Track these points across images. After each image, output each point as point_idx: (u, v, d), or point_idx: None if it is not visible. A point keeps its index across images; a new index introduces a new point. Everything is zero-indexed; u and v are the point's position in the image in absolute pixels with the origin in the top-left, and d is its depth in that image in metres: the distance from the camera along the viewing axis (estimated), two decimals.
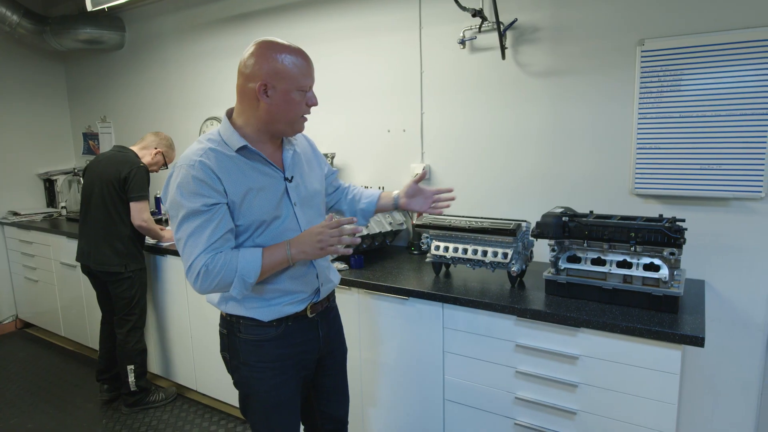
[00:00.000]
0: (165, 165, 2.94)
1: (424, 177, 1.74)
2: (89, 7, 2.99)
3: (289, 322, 1.50)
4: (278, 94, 1.36)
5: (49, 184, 4.41)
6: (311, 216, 1.53)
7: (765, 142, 1.79)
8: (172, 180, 1.37)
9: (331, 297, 1.67)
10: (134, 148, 2.82)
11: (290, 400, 1.55)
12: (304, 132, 1.55)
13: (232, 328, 1.50)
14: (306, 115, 1.45)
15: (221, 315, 1.54)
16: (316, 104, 1.44)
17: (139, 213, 2.66)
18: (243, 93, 1.39)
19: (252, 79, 1.36)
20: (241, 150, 1.39)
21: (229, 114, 1.45)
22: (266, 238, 1.42)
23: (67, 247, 3.46)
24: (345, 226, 1.39)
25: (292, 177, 1.48)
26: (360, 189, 1.81)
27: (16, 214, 4.12)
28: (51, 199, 4.43)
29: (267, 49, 1.36)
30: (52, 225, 3.76)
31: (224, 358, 1.56)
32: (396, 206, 1.76)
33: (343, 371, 1.75)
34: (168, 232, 2.90)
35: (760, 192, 1.82)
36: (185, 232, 1.34)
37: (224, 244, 1.36)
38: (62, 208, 4.25)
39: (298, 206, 1.49)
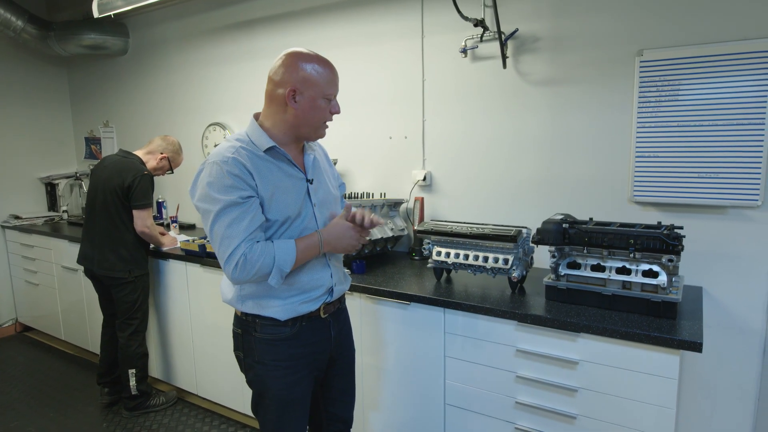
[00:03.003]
0: (171, 170, 2.95)
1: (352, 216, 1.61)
2: (96, 14, 3.02)
3: (303, 322, 1.55)
4: (305, 100, 1.43)
5: (50, 188, 4.42)
6: (328, 217, 1.59)
7: (761, 151, 1.83)
8: (203, 176, 1.42)
9: (342, 299, 1.71)
10: (140, 153, 2.84)
11: (302, 399, 1.59)
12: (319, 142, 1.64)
13: (247, 328, 1.54)
14: (328, 122, 1.53)
15: (236, 314, 1.58)
16: (338, 112, 1.51)
17: (143, 220, 2.68)
18: (272, 98, 1.47)
19: (281, 86, 1.43)
20: (269, 150, 1.46)
21: (256, 117, 1.53)
22: (288, 236, 1.48)
23: (69, 251, 3.47)
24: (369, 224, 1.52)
25: (312, 179, 1.55)
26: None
27: (17, 217, 4.13)
28: (52, 203, 4.44)
29: (297, 59, 1.44)
30: (53, 229, 3.77)
31: (238, 357, 1.60)
32: None
33: (351, 373, 1.78)
34: (168, 238, 2.91)
35: (757, 200, 1.85)
36: (222, 224, 1.38)
37: (259, 235, 1.41)
38: (64, 212, 4.26)
39: (317, 207, 1.55)
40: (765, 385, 1.96)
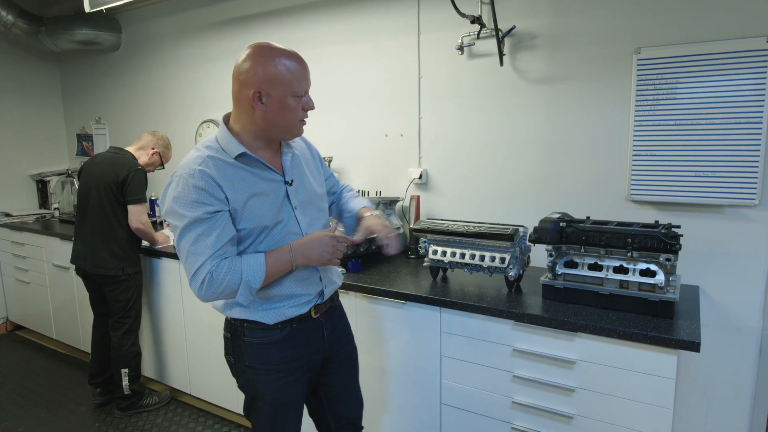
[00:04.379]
0: (162, 165, 2.92)
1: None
2: (87, 9, 2.98)
3: (293, 324, 1.50)
4: (273, 101, 1.34)
5: (41, 185, 4.37)
6: (312, 218, 1.53)
7: (759, 150, 1.82)
8: (170, 190, 1.36)
9: (334, 296, 1.66)
10: (130, 149, 2.80)
11: (295, 402, 1.55)
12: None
13: (236, 332, 1.49)
14: (304, 119, 1.44)
15: (226, 319, 1.54)
16: (312, 108, 1.42)
17: (137, 216, 2.65)
18: (238, 99, 1.38)
19: (246, 86, 1.34)
20: (240, 157, 1.38)
21: (226, 120, 1.44)
22: (269, 243, 1.42)
23: (60, 249, 3.43)
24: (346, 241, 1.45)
25: (292, 180, 1.48)
26: (348, 198, 1.76)
27: (8, 215, 4.07)
28: (44, 200, 4.39)
29: (260, 55, 1.34)
30: (44, 226, 3.73)
31: (228, 362, 1.56)
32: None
33: (351, 372, 1.73)
34: (161, 236, 2.88)
35: (754, 199, 1.85)
36: (188, 241, 1.33)
37: (227, 251, 1.35)
38: (55, 209, 4.21)
39: (299, 209, 1.49)
40: (761, 384, 1.96)
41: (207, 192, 1.32)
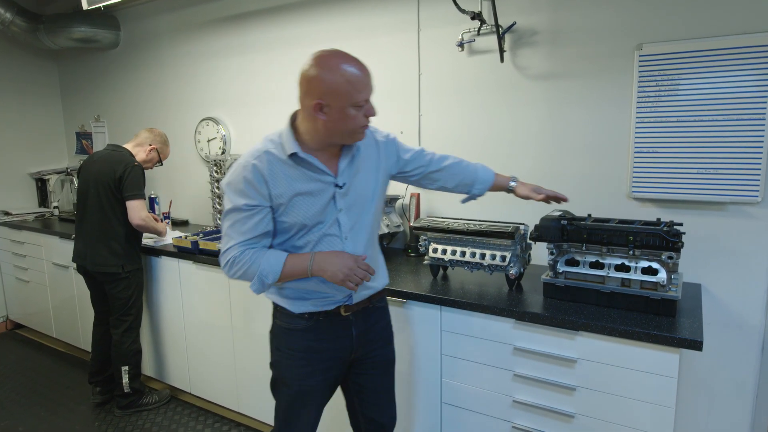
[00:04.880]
0: (160, 162, 2.91)
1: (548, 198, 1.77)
2: (85, 6, 2.96)
3: (320, 317, 1.54)
4: (334, 111, 1.36)
5: (41, 183, 4.36)
6: (357, 220, 1.52)
7: (762, 147, 1.81)
8: (229, 173, 1.46)
9: (374, 298, 1.63)
10: (128, 146, 2.79)
11: (314, 394, 1.58)
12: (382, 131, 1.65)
13: (274, 313, 1.61)
14: (366, 125, 1.45)
15: None
16: (374, 115, 1.43)
17: (137, 211, 2.63)
18: (302, 105, 1.41)
19: (309, 95, 1.36)
20: (292, 156, 1.42)
21: (294, 117, 1.47)
22: (306, 240, 1.48)
23: (59, 248, 3.42)
24: (367, 275, 1.44)
25: (343, 184, 1.48)
26: (466, 168, 1.76)
27: (7, 213, 4.07)
28: (43, 198, 4.38)
29: (323, 65, 1.35)
30: (44, 225, 3.72)
31: (269, 337, 1.65)
32: (507, 191, 1.81)
33: (385, 376, 1.71)
34: (163, 225, 2.86)
35: (757, 196, 1.83)
36: (227, 222, 1.46)
37: (258, 242, 1.45)
38: (54, 207, 4.20)
39: (344, 212, 1.49)
40: (763, 382, 1.95)
41: (252, 186, 1.41)
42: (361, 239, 1.53)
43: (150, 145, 2.82)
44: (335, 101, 1.34)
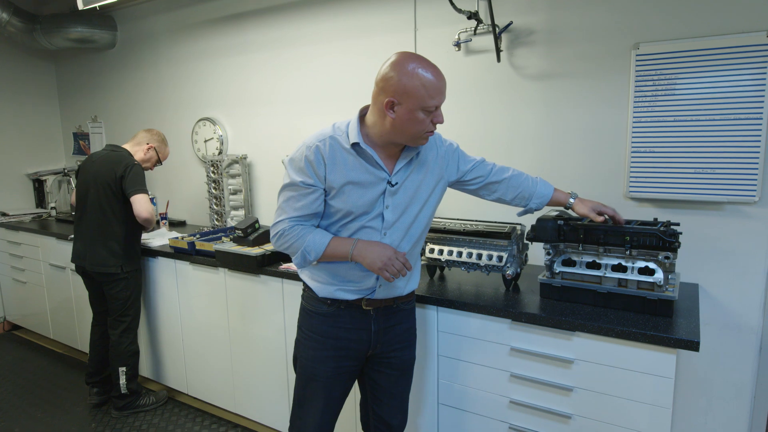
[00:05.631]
0: (159, 162, 2.90)
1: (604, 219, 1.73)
2: (80, 6, 2.96)
3: (341, 305, 1.59)
4: (403, 111, 1.39)
5: (38, 184, 4.35)
6: (400, 218, 1.54)
7: (759, 147, 1.80)
8: (294, 150, 1.53)
9: (399, 300, 1.65)
10: (126, 146, 2.79)
11: (324, 381, 1.61)
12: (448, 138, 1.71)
13: (303, 294, 1.68)
14: (432, 131, 1.47)
15: None
16: (441, 122, 1.45)
17: (144, 205, 2.59)
18: (375, 102, 1.46)
19: (383, 92, 1.41)
20: (354, 146, 1.48)
21: (364, 111, 1.53)
22: (348, 228, 1.53)
23: (57, 249, 3.41)
24: (403, 270, 1.48)
25: (396, 183, 1.52)
26: (525, 181, 1.77)
27: (4, 214, 4.06)
28: (40, 199, 4.37)
29: (402, 66, 1.38)
30: (41, 226, 3.71)
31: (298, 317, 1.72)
32: (565, 208, 1.81)
33: (402, 378, 1.72)
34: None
35: (754, 196, 1.83)
36: (282, 197, 1.54)
37: (307, 220, 1.52)
38: (52, 208, 4.19)
39: (390, 209, 1.53)
40: (761, 382, 1.94)
41: (311, 166, 1.47)
42: (400, 238, 1.55)
43: (148, 144, 2.82)
44: (407, 101, 1.38)
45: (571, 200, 1.76)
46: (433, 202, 1.63)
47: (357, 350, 1.62)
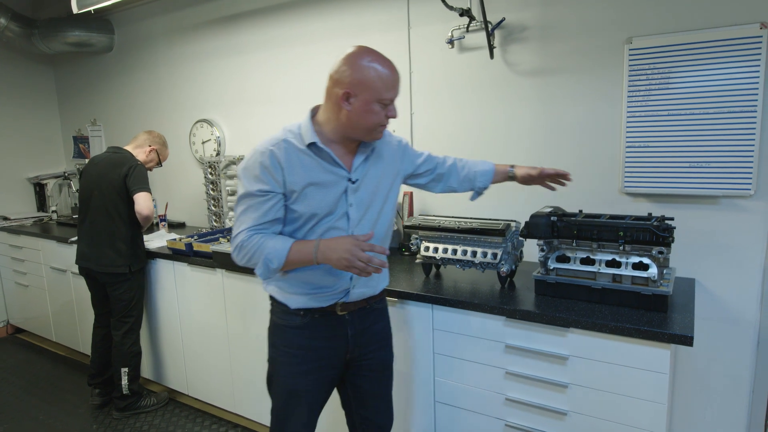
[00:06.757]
0: (159, 163, 2.92)
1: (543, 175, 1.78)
2: (75, 9, 2.97)
3: (315, 314, 1.54)
4: (359, 103, 1.40)
5: (39, 188, 4.38)
6: (365, 215, 1.53)
7: (753, 140, 1.79)
8: (246, 158, 1.48)
9: (372, 300, 1.63)
10: (128, 148, 2.82)
11: (307, 393, 1.57)
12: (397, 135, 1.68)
13: (272, 309, 1.62)
14: (385, 125, 1.48)
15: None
16: (395, 116, 1.47)
17: (146, 202, 2.63)
18: (329, 96, 1.45)
19: (338, 85, 1.40)
20: (311, 146, 1.45)
21: (314, 111, 1.52)
22: (315, 232, 1.48)
23: (58, 252, 3.43)
24: (374, 258, 1.37)
25: (356, 180, 1.50)
26: (466, 164, 1.82)
27: (5, 218, 4.08)
28: (41, 203, 4.40)
29: (357, 58, 1.40)
30: (42, 229, 3.73)
31: (267, 334, 1.66)
32: (509, 179, 1.84)
33: (382, 377, 1.71)
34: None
35: (749, 189, 1.82)
36: (240, 208, 1.47)
37: (267, 228, 1.46)
38: (53, 212, 4.21)
39: (354, 207, 1.51)
40: (759, 376, 1.93)
41: (268, 172, 1.42)
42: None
43: (149, 146, 2.85)
44: (363, 93, 1.38)
45: (510, 168, 1.82)
46: (393, 197, 1.63)
47: (336, 357, 1.59)
